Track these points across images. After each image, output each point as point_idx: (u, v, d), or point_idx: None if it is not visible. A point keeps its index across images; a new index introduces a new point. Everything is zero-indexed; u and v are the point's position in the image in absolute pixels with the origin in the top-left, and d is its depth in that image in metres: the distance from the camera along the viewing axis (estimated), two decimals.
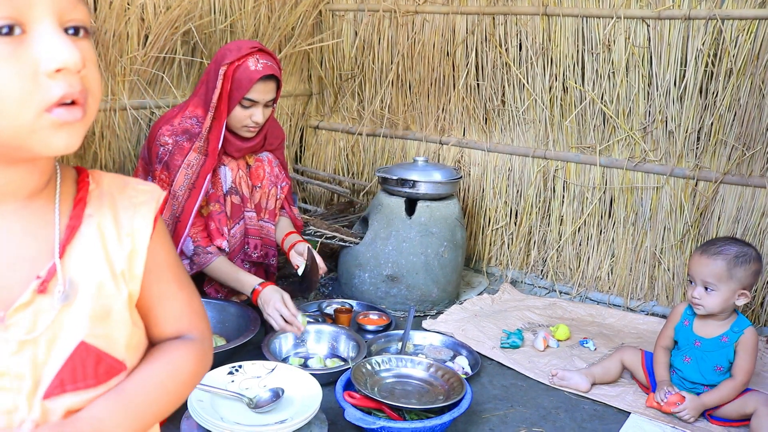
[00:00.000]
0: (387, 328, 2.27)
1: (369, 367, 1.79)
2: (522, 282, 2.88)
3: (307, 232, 2.55)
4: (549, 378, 2.00)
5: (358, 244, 2.53)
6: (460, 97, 2.89)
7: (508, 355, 2.16)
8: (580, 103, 2.60)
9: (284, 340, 2.04)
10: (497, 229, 2.92)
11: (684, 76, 2.38)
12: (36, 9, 0.61)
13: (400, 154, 3.14)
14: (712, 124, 2.38)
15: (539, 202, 2.81)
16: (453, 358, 2.09)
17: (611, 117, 2.55)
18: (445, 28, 2.85)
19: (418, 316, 2.44)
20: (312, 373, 1.69)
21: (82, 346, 0.69)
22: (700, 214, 2.47)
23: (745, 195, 2.38)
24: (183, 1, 2.39)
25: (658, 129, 2.48)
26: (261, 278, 2.08)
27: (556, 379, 1.98)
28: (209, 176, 2.09)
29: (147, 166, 2.16)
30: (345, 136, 3.30)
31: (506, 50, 2.72)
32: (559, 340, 2.28)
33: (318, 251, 2.30)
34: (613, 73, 2.51)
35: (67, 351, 0.68)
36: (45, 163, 0.70)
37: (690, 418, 1.79)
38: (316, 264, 2.16)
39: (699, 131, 2.42)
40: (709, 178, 2.43)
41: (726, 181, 2.40)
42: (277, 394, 1.56)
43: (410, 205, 2.49)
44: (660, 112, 2.46)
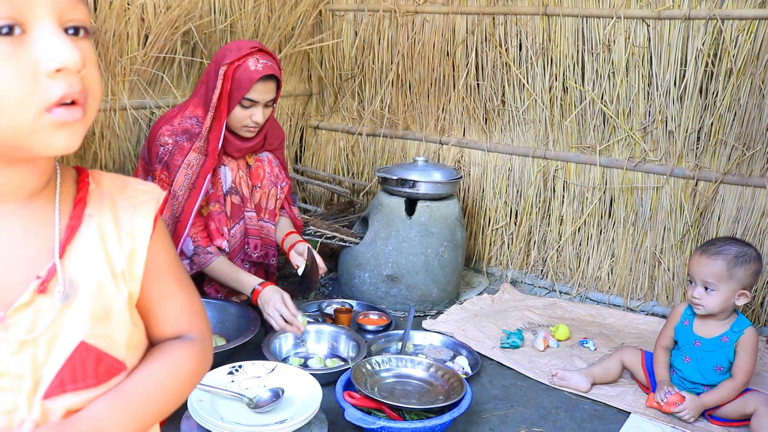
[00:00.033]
0: (387, 328, 2.27)
1: (369, 367, 1.79)
2: (522, 282, 2.88)
3: (307, 232, 2.54)
4: (549, 378, 2.00)
5: (358, 244, 2.53)
6: (460, 97, 2.89)
7: (508, 355, 2.16)
8: (580, 103, 2.60)
9: (284, 340, 2.04)
10: (497, 229, 2.92)
11: (684, 76, 2.38)
12: (36, 9, 0.61)
13: (400, 154, 3.14)
14: (712, 124, 2.38)
15: (539, 202, 2.81)
16: (453, 358, 2.09)
17: (611, 117, 2.55)
18: (445, 28, 2.85)
19: (418, 316, 2.44)
20: (312, 373, 1.69)
21: (82, 346, 0.69)
22: (700, 214, 2.47)
23: (745, 195, 2.38)
24: (183, 1, 2.39)
25: (658, 129, 2.48)
26: (261, 278, 2.08)
27: (556, 379, 1.98)
28: (209, 176, 2.09)
29: (147, 166, 2.16)
30: (345, 136, 3.30)
31: (506, 50, 2.72)
32: (559, 340, 2.28)
33: (318, 251, 2.30)
34: (613, 73, 2.51)
35: (67, 351, 0.68)
36: (45, 163, 0.70)
37: (690, 418, 1.79)
38: (316, 264, 2.16)
39: (699, 131, 2.42)
40: (709, 178, 2.43)
41: (726, 181, 2.40)
42: (277, 394, 1.56)
43: (410, 205, 2.49)
44: (660, 112, 2.45)
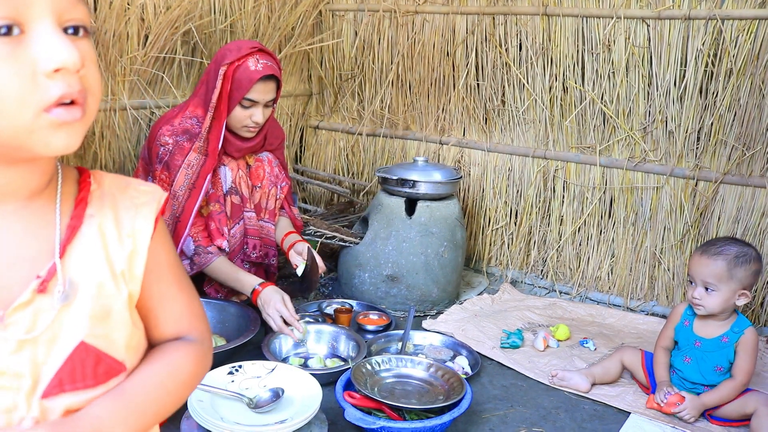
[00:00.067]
0: (387, 328, 2.27)
1: (369, 367, 1.79)
2: (522, 282, 2.88)
3: (307, 232, 2.54)
4: (549, 378, 2.00)
5: (358, 244, 2.52)
6: (460, 97, 2.89)
7: (508, 355, 2.15)
8: (580, 103, 2.60)
9: (284, 340, 2.04)
10: (497, 229, 2.92)
11: (684, 76, 2.38)
12: (35, 8, 0.61)
13: (400, 154, 3.14)
14: (712, 124, 2.38)
15: (539, 202, 2.80)
16: (453, 358, 2.09)
17: (611, 117, 2.55)
18: (445, 28, 2.85)
19: (418, 316, 2.44)
20: (312, 373, 1.69)
21: (81, 346, 0.69)
22: (700, 214, 2.47)
23: (745, 195, 2.38)
24: (183, 1, 2.39)
25: (658, 129, 2.48)
26: (261, 278, 2.08)
27: (556, 380, 1.98)
28: (209, 176, 2.09)
29: (147, 166, 2.16)
30: (345, 136, 3.30)
31: (506, 50, 2.72)
32: (559, 340, 2.28)
33: (318, 251, 2.30)
34: (613, 73, 2.51)
35: (66, 351, 0.68)
36: (46, 163, 0.70)
37: (690, 418, 1.79)
38: (316, 264, 2.16)
39: (699, 131, 2.42)
40: (709, 178, 2.43)
41: (726, 181, 2.40)
42: (277, 394, 1.56)
43: (410, 205, 2.49)
44: (660, 112, 2.45)
